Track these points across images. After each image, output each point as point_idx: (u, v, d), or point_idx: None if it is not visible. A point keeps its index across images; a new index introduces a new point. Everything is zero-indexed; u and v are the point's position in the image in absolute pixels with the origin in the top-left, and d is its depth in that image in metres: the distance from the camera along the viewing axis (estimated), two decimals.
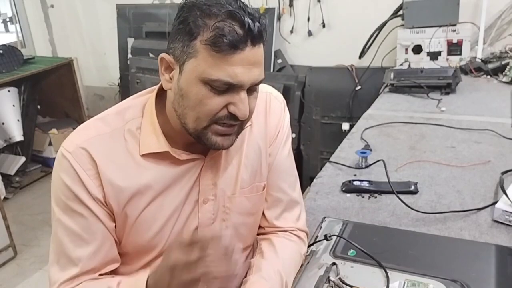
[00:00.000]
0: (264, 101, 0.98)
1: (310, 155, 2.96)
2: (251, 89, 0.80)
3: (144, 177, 0.85)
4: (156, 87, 0.90)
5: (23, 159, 3.37)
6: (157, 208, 0.87)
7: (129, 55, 3.61)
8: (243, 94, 0.78)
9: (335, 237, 1.07)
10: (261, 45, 0.78)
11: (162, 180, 0.87)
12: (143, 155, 0.85)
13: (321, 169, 1.55)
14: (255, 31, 0.75)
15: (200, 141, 0.82)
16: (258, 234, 1.05)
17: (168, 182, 0.87)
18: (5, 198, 3.03)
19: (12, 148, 3.41)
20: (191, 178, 0.89)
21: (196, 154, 0.88)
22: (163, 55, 0.83)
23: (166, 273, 0.74)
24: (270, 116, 0.98)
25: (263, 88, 0.99)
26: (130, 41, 3.61)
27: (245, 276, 0.98)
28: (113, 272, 0.91)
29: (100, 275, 0.88)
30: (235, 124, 0.81)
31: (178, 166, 0.87)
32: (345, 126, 2.85)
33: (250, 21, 0.74)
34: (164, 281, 0.75)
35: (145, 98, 0.90)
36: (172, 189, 0.88)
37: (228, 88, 0.77)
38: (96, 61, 4.13)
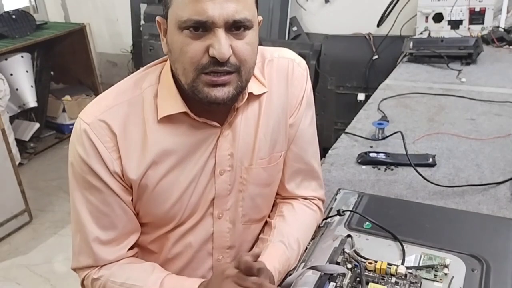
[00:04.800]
0: (286, 68, 0.93)
1: (324, 126, 2.92)
2: (236, 30, 0.75)
3: (162, 144, 0.84)
4: None
5: (37, 125, 3.39)
6: (174, 179, 0.86)
7: (142, 22, 3.55)
8: (219, 33, 0.73)
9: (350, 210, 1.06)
10: None
11: (180, 147, 0.85)
12: (160, 120, 0.83)
13: (335, 140, 1.52)
14: None
15: (196, 97, 0.79)
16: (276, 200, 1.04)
17: (185, 151, 0.86)
18: (20, 164, 3.06)
19: (26, 114, 3.42)
20: (208, 148, 0.87)
21: (213, 121, 0.86)
22: (157, 18, 0.81)
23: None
24: (292, 85, 0.94)
25: (285, 54, 0.95)
26: (143, 7, 3.53)
27: (260, 233, 0.99)
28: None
29: (129, 251, 0.90)
30: (222, 70, 0.76)
31: (195, 133, 0.86)
32: (361, 96, 2.79)
33: None
34: None
35: (160, 65, 0.89)
36: (189, 160, 0.87)
37: (203, 29, 0.74)
38: (109, 27, 4.08)
